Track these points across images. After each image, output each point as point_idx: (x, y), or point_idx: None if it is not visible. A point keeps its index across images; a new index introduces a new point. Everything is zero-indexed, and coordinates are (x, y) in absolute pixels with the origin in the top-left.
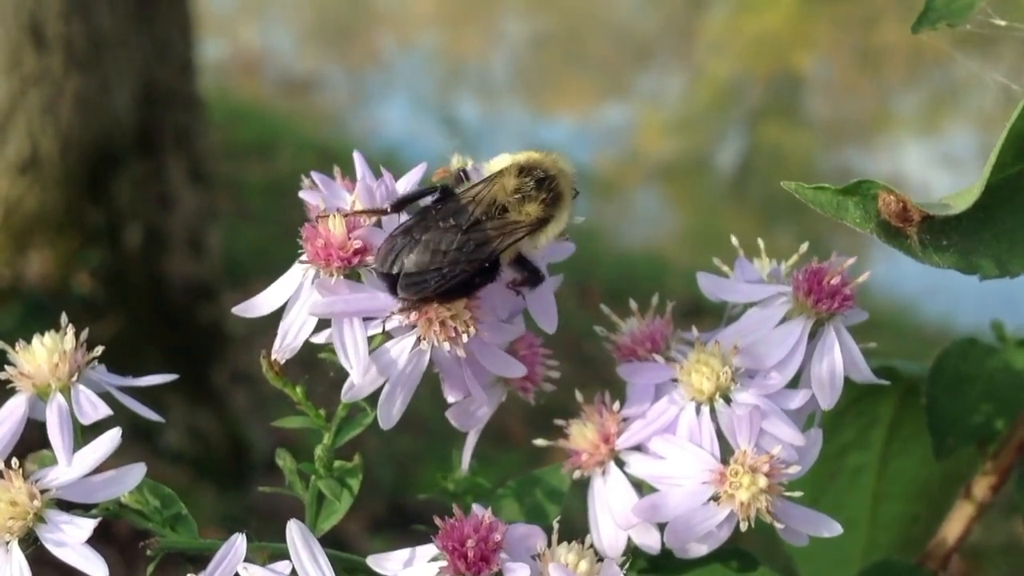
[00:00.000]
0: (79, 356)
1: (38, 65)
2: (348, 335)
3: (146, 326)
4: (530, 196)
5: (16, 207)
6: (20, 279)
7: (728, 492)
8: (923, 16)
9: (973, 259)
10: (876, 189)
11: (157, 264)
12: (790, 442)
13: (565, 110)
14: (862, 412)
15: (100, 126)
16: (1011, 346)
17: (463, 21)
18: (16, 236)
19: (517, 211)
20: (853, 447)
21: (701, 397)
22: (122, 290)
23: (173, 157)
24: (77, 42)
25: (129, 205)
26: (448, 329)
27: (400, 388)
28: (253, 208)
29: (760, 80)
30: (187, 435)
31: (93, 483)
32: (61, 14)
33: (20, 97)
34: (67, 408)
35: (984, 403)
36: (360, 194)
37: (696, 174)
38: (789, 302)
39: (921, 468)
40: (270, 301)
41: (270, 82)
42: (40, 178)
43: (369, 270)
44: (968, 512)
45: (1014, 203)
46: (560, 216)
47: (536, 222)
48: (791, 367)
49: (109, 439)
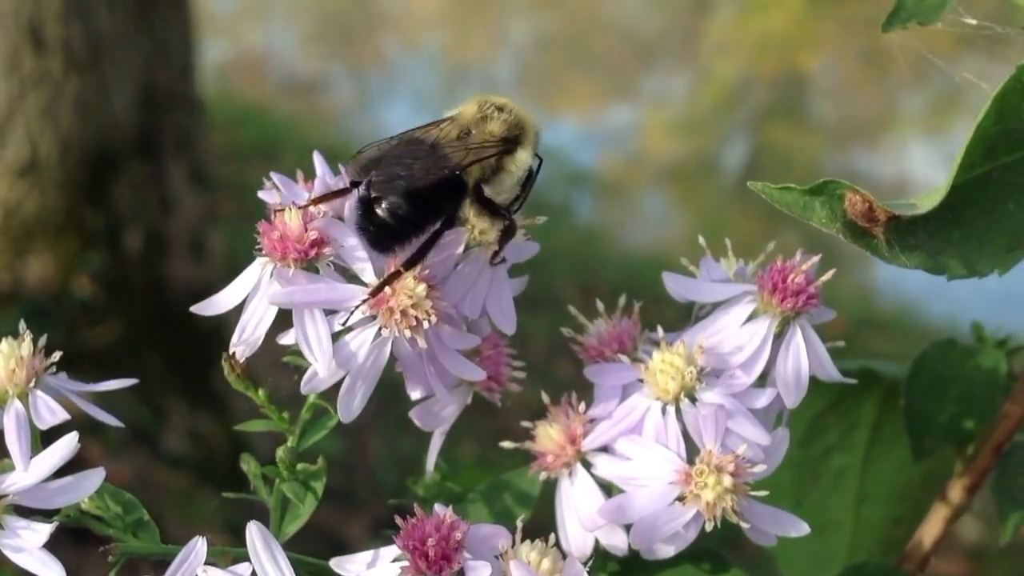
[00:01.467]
0: (37, 362)
1: (37, 67)
2: (311, 328)
3: (147, 330)
4: (491, 116)
5: (15, 211)
6: (20, 283)
7: (694, 492)
8: (893, 15)
9: (941, 259)
10: (842, 189)
11: (158, 267)
12: (756, 441)
13: (570, 112)
14: (844, 414)
15: (100, 129)
16: (989, 347)
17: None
18: (16, 240)
19: (481, 132)
20: (836, 449)
21: (666, 397)
22: (122, 294)
23: (174, 160)
24: (76, 44)
25: (129, 208)
26: (409, 318)
27: (361, 381)
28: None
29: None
30: (188, 439)
31: (50, 489)
32: (60, 16)
33: (19, 100)
34: (24, 414)
35: (961, 404)
36: (318, 192)
37: (702, 175)
38: (755, 301)
39: (903, 470)
40: (230, 298)
41: (273, 84)
42: (39, 181)
43: (327, 262)
44: (945, 514)
45: (982, 203)
46: (526, 142)
47: (501, 142)
48: (757, 366)
49: (65, 444)
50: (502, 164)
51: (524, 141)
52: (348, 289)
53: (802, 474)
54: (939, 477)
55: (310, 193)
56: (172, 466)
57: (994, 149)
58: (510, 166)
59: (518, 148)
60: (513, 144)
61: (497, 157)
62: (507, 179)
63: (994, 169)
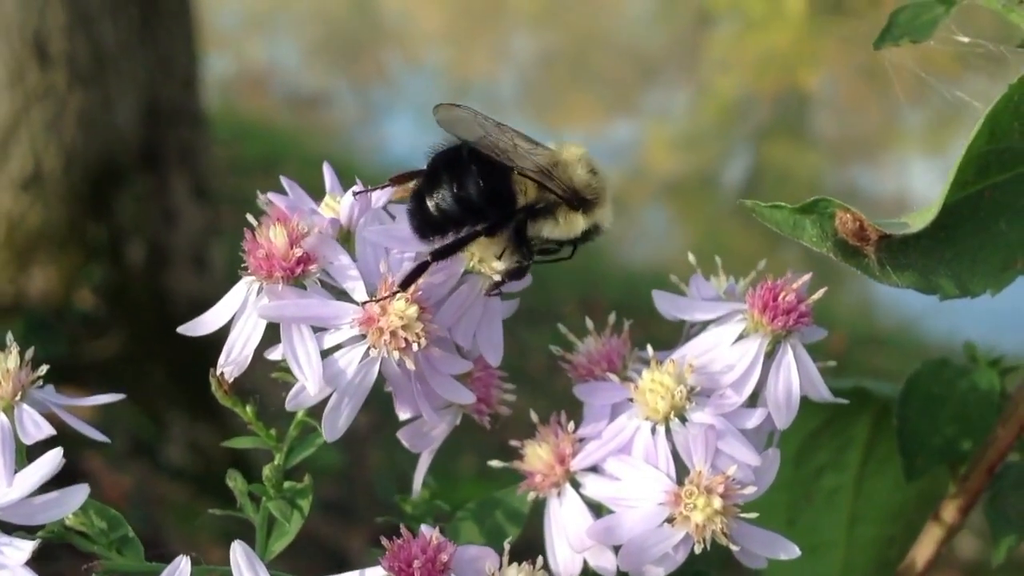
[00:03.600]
0: (23, 375)
1: (42, 81)
2: (299, 344)
3: (148, 342)
4: (580, 169)
5: (19, 223)
6: (23, 296)
7: (683, 514)
8: (886, 32)
9: (933, 279)
10: (832, 208)
11: (160, 280)
12: (746, 462)
13: (572, 127)
14: (837, 433)
15: (103, 142)
16: (982, 367)
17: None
18: (19, 253)
19: (562, 173)
20: (829, 468)
21: (656, 417)
22: (124, 306)
23: (176, 173)
24: (81, 58)
25: (132, 221)
26: (399, 340)
27: (348, 399)
28: None
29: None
30: (188, 451)
31: (34, 504)
32: (65, 30)
33: (23, 113)
34: (9, 427)
35: (954, 424)
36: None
37: (703, 191)
38: (745, 319)
39: (896, 490)
40: (217, 317)
41: (276, 98)
42: (43, 194)
43: (314, 280)
44: (937, 535)
45: (974, 222)
46: (591, 213)
47: (571, 192)
48: (748, 386)
49: (50, 459)
50: (555, 211)
51: (589, 211)
52: (339, 306)
53: (795, 493)
54: (932, 497)
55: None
56: (173, 478)
57: (986, 168)
58: (560, 218)
59: (580, 210)
60: (579, 204)
61: (556, 201)
62: (549, 227)
63: (986, 188)
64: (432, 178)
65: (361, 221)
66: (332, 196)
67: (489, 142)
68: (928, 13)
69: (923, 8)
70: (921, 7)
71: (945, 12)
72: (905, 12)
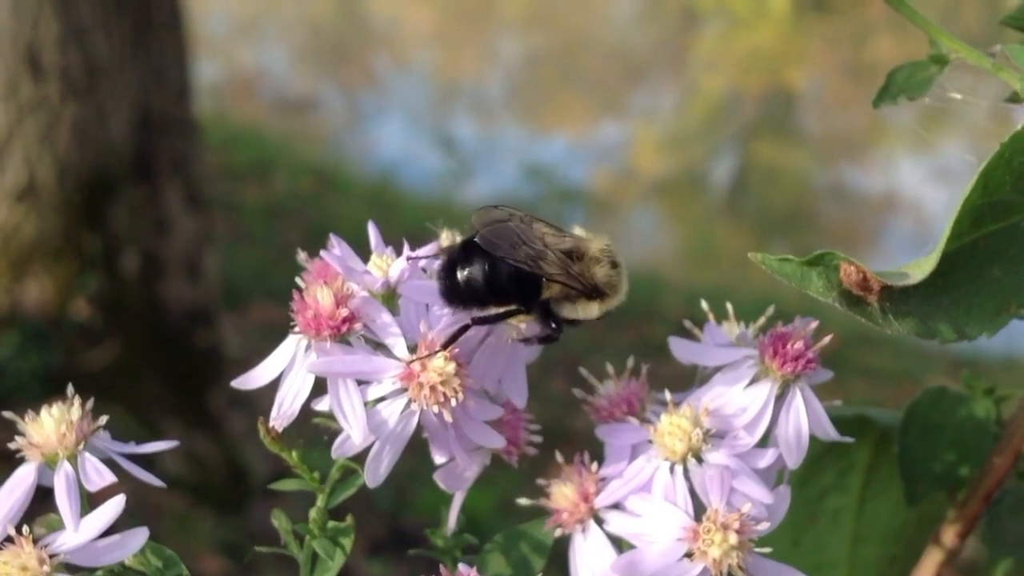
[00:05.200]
0: (85, 425)
1: (35, 94)
2: (344, 396)
3: (144, 351)
4: (603, 264)
5: (13, 235)
6: (18, 306)
7: (701, 549)
8: (884, 91)
9: (931, 324)
10: (838, 260)
11: (154, 289)
12: (759, 500)
13: (561, 128)
14: (840, 456)
15: (97, 153)
16: (979, 395)
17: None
18: (14, 264)
19: (586, 266)
20: (832, 490)
21: (674, 457)
22: (120, 316)
23: (169, 182)
24: (74, 70)
25: (126, 231)
26: (437, 394)
27: (389, 447)
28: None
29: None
30: (185, 460)
31: (99, 547)
32: (58, 43)
33: (17, 125)
34: (74, 475)
35: (952, 451)
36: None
37: (691, 191)
38: (756, 365)
39: (897, 511)
40: (267, 372)
41: (266, 103)
42: (37, 205)
43: (358, 336)
44: (938, 558)
45: (969, 269)
46: (607, 301)
47: (592, 288)
48: (760, 428)
49: (114, 506)
50: (575, 300)
51: (606, 299)
52: (381, 362)
53: (799, 514)
54: (933, 518)
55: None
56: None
57: (980, 219)
58: (579, 305)
59: (597, 300)
60: (598, 295)
61: (578, 293)
62: (567, 310)
63: (980, 238)
64: (468, 251)
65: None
66: (379, 255)
67: (522, 254)
68: (923, 72)
69: (918, 68)
70: (916, 66)
71: (939, 71)
72: (902, 71)
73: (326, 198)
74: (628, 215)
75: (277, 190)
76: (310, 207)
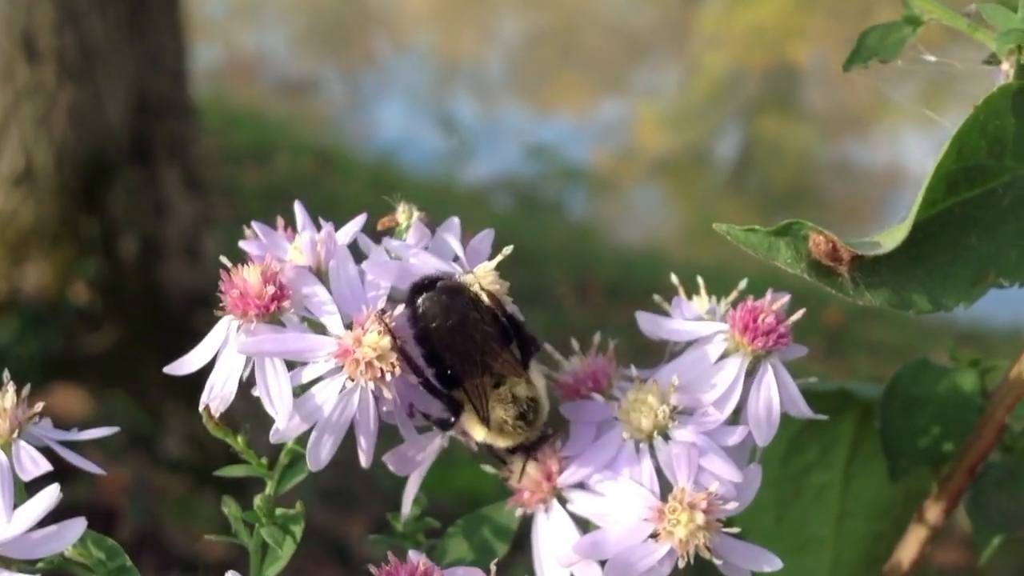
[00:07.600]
0: (20, 412)
1: (31, 78)
2: (272, 380)
3: (144, 335)
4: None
5: (11, 220)
6: (17, 292)
7: (667, 529)
8: (855, 53)
9: (905, 294)
10: (806, 230)
11: (153, 273)
12: (728, 478)
13: (562, 107)
14: (823, 431)
15: (94, 136)
16: (962, 368)
17: (458, 20)
18: (12, 249)
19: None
20: (816, 466)
21: (640, 435)
22: (119, 300)
23: (167, 165)
24: (69, 53)
25: (124, 214)
26: (374, 369)
27: (328, 433)
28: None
29: (756, 73)
30: (187, 443)
31: (33, 539)
32: (53, 26)
33: (13, 110)
34: (8, 465)
35: (935, 425)
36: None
37: (694, 168)
38: (727, 340)
39: (882, 487)
40: (201, 356)
41: (265, 86)
42: (35, 190)
43: (290, 314)
44: (922, 535)
45: (944, 238)
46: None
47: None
48: (729, 404)
49: (48, 495)
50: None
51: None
52: (316, 339)
53: (783, 491)
54: (919, 494)
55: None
56: (171, 470)
57: (955, 185)
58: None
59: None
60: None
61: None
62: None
63: (955, 205)
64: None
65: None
66: (302, 237)
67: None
68: (896, 33)
69: (890, 29)
70: (888, 28)
71: (912, 32)
72: (873, 33)
73: (327, 180)
74: (630, 193)
75: (277, 173)
76: (311, 189)
